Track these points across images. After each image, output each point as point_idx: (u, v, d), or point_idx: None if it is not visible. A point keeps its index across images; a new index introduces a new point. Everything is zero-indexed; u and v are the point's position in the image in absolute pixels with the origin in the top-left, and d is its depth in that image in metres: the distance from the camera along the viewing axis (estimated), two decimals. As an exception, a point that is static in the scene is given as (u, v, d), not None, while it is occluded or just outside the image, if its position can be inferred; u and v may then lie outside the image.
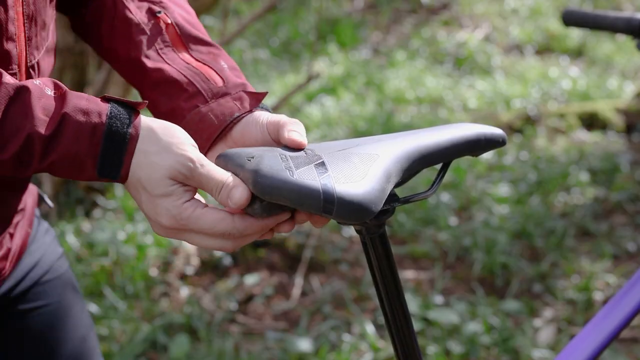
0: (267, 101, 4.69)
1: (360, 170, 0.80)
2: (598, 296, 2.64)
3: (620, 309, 1.17)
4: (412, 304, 2.53)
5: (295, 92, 2.99)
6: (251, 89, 0.97)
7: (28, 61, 0.89)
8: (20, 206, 1.08)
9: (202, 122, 0.93)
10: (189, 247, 2.87)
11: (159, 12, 1.00)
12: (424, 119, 4.37)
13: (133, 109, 0.79)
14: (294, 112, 4.46)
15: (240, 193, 0.78)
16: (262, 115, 0.92)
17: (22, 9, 0.85)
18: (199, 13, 2.81)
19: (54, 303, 1.11)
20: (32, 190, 1.13)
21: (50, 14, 0.91)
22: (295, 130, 0.87)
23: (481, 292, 2.68)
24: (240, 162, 0.80)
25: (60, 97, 0.77)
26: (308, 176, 0.77)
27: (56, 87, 0.78)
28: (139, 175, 0.78)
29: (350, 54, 5.72)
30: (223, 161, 0.83)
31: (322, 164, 0.80)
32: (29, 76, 0.89)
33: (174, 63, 0.97)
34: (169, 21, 0.99)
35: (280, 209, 0.81)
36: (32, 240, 1.11)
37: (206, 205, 0.80)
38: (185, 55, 0.98)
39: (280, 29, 6.30)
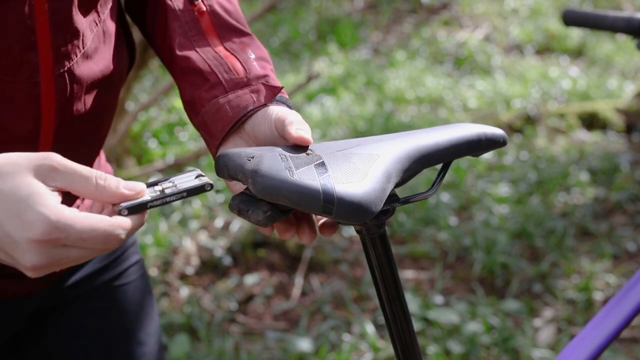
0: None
1: (360, 170, 0.80)
2: (598, 296, 2.64)
3: (620, 309, 1.17)
4: (412, 304, 2.53)
5: (295, 92, 2.99)
6: (273, 81, 0.94)
7: (55, 70, 0.86)
8: None
9: (218, 113, 0.91)
10: (189, 247, 2.87)
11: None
12: (424, 119, 4.37)
13: None
14: (294, 112, 4.46)
15: (134, 185, 0.73)
16: (273, 111, 0.89)
17: (48, 18, 0.83)
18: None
19: (119, 306, 1.10)
20: None
21: (84, 22, 0.88)
22: (302, 128, 0.85)
23: (481, 292, 2.68)
24: (240, 162, 0.80)
25: None
26: (308, 176, 0.77)
27: None
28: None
29: (350, 54, 5.72)
30: (223, 161, 0.82)
31: (322, 164, 0.80)
32: (57, 85, 0.87)
33: (202, 52, 0.95)
34: (205, 9, 0.97)
35: (283, 214, 0.81)
36: None
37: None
38: (217, 44, 0.96)
39: (280, 29, 6.30)
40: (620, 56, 5.66)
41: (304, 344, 2.33)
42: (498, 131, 0.94)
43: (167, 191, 0.77)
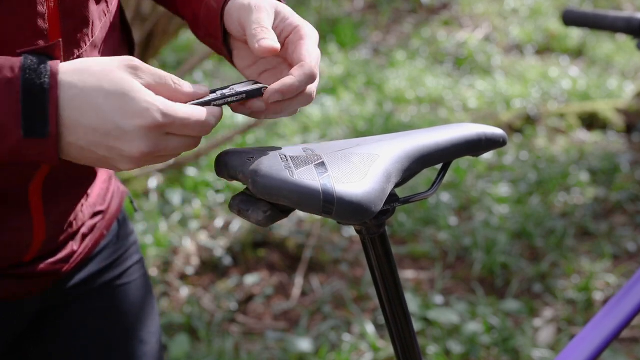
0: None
1: (360, 170, 0.80)
2: (598, 296, 2.64)
3: (620, 309, 1.17)
4: (412, 304, 2.53)
5: (295, 92, 2.99)
6: None
7: (64, 58, 0.84)
8: (102, 208, 1.07)
9: (209, 13, 0.90)
10: (189, 247, 2.87)
11: None
12: (424, 119, 4.36)
13: (48, 56, 0.72)
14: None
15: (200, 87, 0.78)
16: (236, 4, 0.87)
17: (58, 4, 0.82)
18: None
19: (120, 306, 1.10)
20: (118, 192, 1.12)
21: (94, 10, 0.88)
22: (265, 37, 0.82)
23: (481, 292, 2.68)
24: (240, 162, 0.80)
25: None
26: (308, 176, 0.77)
27: None
28: (93, 87, 0.71)
29: (350, 53, 5.72)
30: (223, 161, 0.82)
31: (322, 164, 0.80)
32: None
33: None
34: None
35: (283, 214, 0.81)
36: (108, 242, 1.10)
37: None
38: None
39: (280, 29, 6.29)
40: (620, 56, 5.66)
41: (304, 344, 2.33)
42: (498, 131, 0.94)
43: (227, 93, 0.82)
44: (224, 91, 0.82)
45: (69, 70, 0.72)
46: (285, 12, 0.88)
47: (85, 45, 0.88)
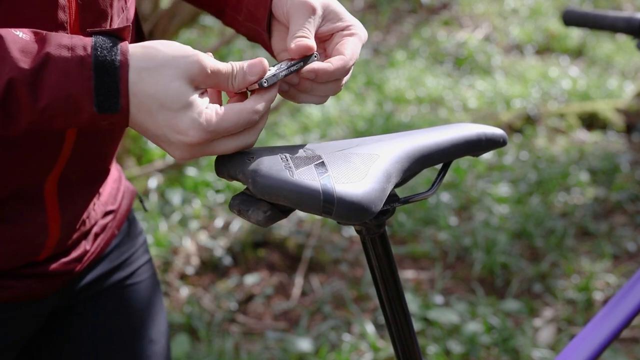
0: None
1: (360, 170, 0.80)
2: (598, 296, 2.64)
3: (621, 309, 1.17)
4: (412, 304, 2.53)
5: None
6: None
7: None
8: (113, 207, 1.08)
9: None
10: (189, 247, 2.87)
11: None
12: (424, 119, 4.36)
13: (118, 37, 0.76)
14: (294, 112, 4.46)
15: (257, 66, 0.79)
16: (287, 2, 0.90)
17: None
18: (198, 13, 2.81)
19: (129, 306, 1.11)
20: (128, 192, 1.13)
21: (113, 6, 0.89)
22: (302, 36, 0.86)
23: (481, 292, 2.68)
24: (240, 162, 0.80)
25: (41, 39, 0.73)
26: (308, 176, 0.77)
27: (34, 32, 0.74)
28: (151, 93, 0.74)
29: (350, 53, 5.71)
30: (223, 161, 0.82)
31: (322, 164, 0.80)
32: None
33: None
34: None
35: (283, 214, 0.81)
36: (118, 242, 1.10)
37: (220, 104, 0.79)
38: None
39: (280, 29, 6.30)
40: (620, 56, 5.66)
41: (304, 344, 2.33)
42: (498, 131, 0.94)
43: (284, 66, 0.84)
44: (280, 65, 0.84)
45: (136, 53, 0.75)
46: (338, 10, 0.91)
47: None
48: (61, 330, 1.07)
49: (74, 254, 1.01)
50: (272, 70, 0.82)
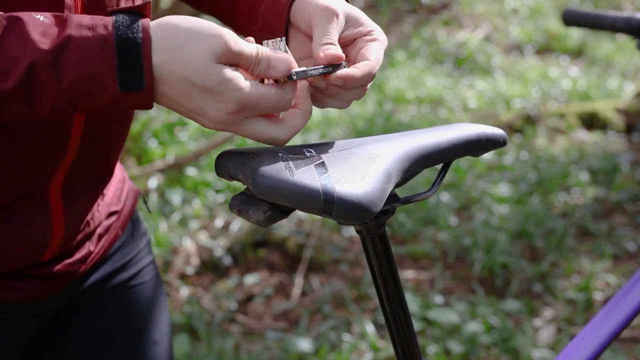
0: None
1: (360, 170, 0.80)
2: (598, 296, 2.64)
3: (621, 309, 1.17)
4: (412, 304, 2.53)
5: (295, 92, 2.99)
6: None
7: None
8: (117, 208, 1.08)
9: (274, 6, 0.92)
10: (189, 247, 2.87)
11: None
12: (424, 119, 4.36)
13: (139, 14, 0.75)
14: (294, 112, 4.47)
15: (283, 63, 0.78)
16: (310, 5, 0.89)
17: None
18: (198, 13, 2.81)
19: (132, 307, 1.11)
20: (132, 192, 1.13)
21: (120, 4, 0.88)
22: (330, 43, 0.86)
23: (481, 292, 2.68)
24: (240, 162, 0.80)
25: (61, 22, 0.72)
26: (308, 176, 0.77)
27: (55, 15, 0.73)
28: (181, 74, 0.73)
29: (350, 53, 5.71)
30: (223, 161, 0.82)
31: (322, 164, 0.80)
32: None
33: None
34: None
35: (283, 214, 0.80)
36: (122, 242, 1.10)
37: (262, 82, 0.78)
38: None
39: (280, 29, 6.30)
40: (620, 56, 5.66)
41: (304, 344, 2.33)
42: (498, 131, 0.94)
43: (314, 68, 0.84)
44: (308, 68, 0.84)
45: (156, 29, 0.74)
46: (359, 16, 0.92)
47: None
48: (63, 331, 1.07)
49: (78, 255, 1.01)
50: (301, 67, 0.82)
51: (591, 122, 4.28)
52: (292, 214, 0.83)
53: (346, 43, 0.91)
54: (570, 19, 1.54)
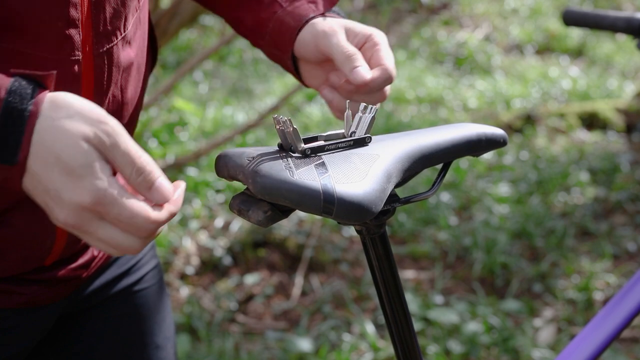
0: (268, 101, 4.69)
1: (360, 170, 0.80)
2: (598, 296, 2.64)
3: (621, 309, 1.17)
4: (412, 303, 2.53)
5: (296, 91, 2.99)
6: None
7: (95, 50, 0.84)
8: None
9: (282, 26, 0.96)
10: (189, 247, 2.87)
11: None
12: (424, 119, 4.36)
13: (38, 83, 0.70)
14: (294, 112, 4.46)
15: (163, 193, 0.71)
16: (319, 22, 0.94)
17: None
18: (198, 13, 2.81)
19: (137, 312, 1.10)
20: None
21: (127, 3, 0.87)
22: (359, 65, 0.90)
23: (481, 292, 2.68)
24: (241, 162, 0.80)
25: None
26: (308, 176, 0.77)
27: None
28: (50, 144, 0.67)
29: (350, 53, 5.71)
30: (223, 161, 0.82)
31: (322, 164, 0.80)
32: (97, 65, 0.85)
33: None
34: None
35: (283, 214, 0.80)
36: None
37: (129, 192, 0.71)
38: None
39: (280, 29, 6.29)
40: (620, 56, 5.66)
41: (304, 344, 2.33)
42: (498, 131, 0.93)
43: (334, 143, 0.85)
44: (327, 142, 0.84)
45: (48, 104, 0.70)
46: (353, 26, 0.96)
47: (117, 39, 0.87)
48: (67, 337, 1.06)
49: (81, 260, 1.00)
50: (319, 142, 0.83)
51: (591, 122, 4.28)
52: (292, 214, 0.83)
53: None
54: (570, 18, 1.54)
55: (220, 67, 5.34)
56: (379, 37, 0.96)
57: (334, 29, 0.93)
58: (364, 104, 0.86)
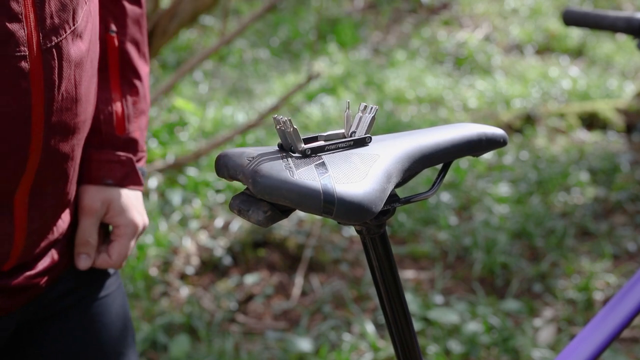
0: (268, 101, 4.69)
1: (360, 170, 0.80)
2: (598, 296, 2.64)
3: (621, 309, 1.17)
4: (412, 303, 2.53)
5: (295, 91, 2.99)
6: (141, 145, 1.09)
7: (42, 44, 0.82)
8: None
9: (89, 164, 1.05)
10: (189, 247, 2.87)
11: (112, 31, 1.04)
12: (424, 119, 4.37)
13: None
14: (294, 112, 4.46)
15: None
16: (87, 202, 1.05)
17: None
18: (198, 13, 2.81)
19: (98, 320, 1.08)
20: None
21: None
22: (83, 253, 1.03)
23: (481, 292, 2.68)
24: (241, 162, 0.80)
25: None
26: (308, 176, 0.77)
27: None
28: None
29: (350, 53, 5.72)
30: (223, 161, 0.82)
31: (323, 164, 0.80)
32: (45, 60, 0.83)
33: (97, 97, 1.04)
34: (116, 44, 1.05)
35: (283, 214, 0.80)
36: None
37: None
38: (113, 89, 1.06)
39: (281, 29, 6.30)
40: (620, 56, 5.66)
41: (304, 344, 2.33)
42: (498, 131, 0.93)
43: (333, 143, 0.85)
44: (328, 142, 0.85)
45: None
46: (119, 207, 1.06)
47: (65, 32, 0.85)
48: (26, 346, 1.04)
49: (40, 265, 0.98)
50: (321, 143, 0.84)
51: (591, 122, 4.28)
52: (292, 214, 0.83)
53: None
54: (570, 18, 1.54)
55: (220, 67, 5.34)
56: (124, 230, 1.06)
57: (93, 208, 1.04)
58: (364, 103, 0.85)
